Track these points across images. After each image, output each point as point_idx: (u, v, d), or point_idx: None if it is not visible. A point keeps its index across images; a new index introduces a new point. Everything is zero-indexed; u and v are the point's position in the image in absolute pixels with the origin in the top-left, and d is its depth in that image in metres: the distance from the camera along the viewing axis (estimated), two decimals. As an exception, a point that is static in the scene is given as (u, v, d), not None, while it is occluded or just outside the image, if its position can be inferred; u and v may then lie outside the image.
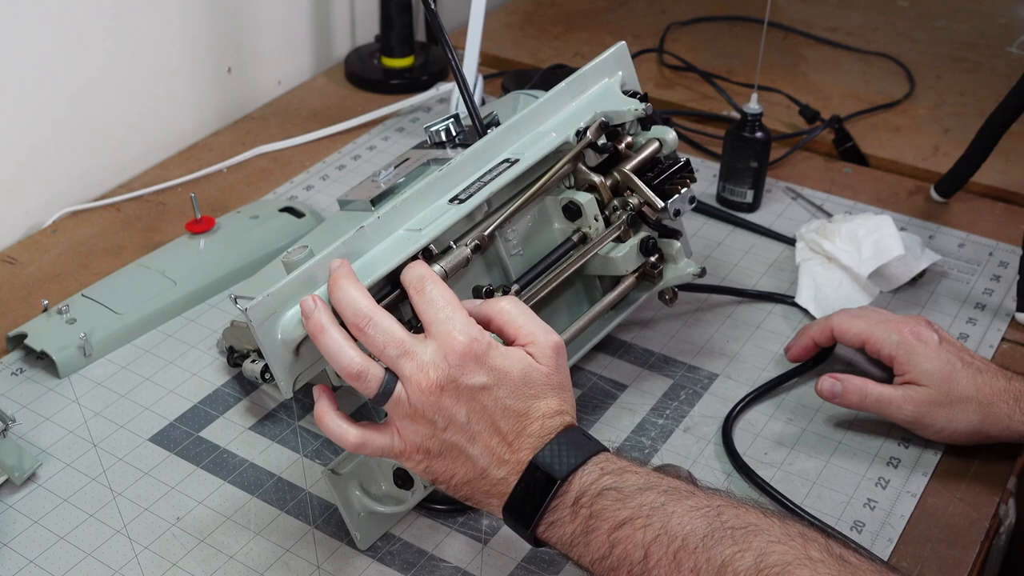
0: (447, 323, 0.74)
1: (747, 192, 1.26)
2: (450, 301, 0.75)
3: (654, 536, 0.69)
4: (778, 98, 1.46)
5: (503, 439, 0.74)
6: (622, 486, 0.71)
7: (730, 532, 0.68)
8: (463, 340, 0.73)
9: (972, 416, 0.92)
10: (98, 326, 1.06)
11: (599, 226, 0.94)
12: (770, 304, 1.14)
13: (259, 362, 0.99)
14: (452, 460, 0.75)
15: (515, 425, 0.74)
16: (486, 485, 0.75)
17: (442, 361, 0.73)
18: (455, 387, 0.73)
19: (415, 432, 0.74)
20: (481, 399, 0.73)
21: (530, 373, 0.75)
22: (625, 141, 0.96)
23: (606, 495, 0.71)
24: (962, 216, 1.28)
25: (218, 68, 1.43)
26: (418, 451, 0.75)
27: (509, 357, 0.74)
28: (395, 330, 0.74)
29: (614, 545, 0.70)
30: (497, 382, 0.74)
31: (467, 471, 0.75)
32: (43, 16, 1.20)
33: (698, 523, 0.68)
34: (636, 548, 0.69)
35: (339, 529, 0.88)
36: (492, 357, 0.74)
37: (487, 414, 0.74)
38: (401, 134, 1.43)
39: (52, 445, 0.96)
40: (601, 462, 0.73)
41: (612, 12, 1.75)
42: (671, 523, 0.69)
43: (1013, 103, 1.18)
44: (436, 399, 0.73)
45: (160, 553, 0.87)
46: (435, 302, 0.75)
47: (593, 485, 0.72)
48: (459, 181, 0.88)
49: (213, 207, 1.27)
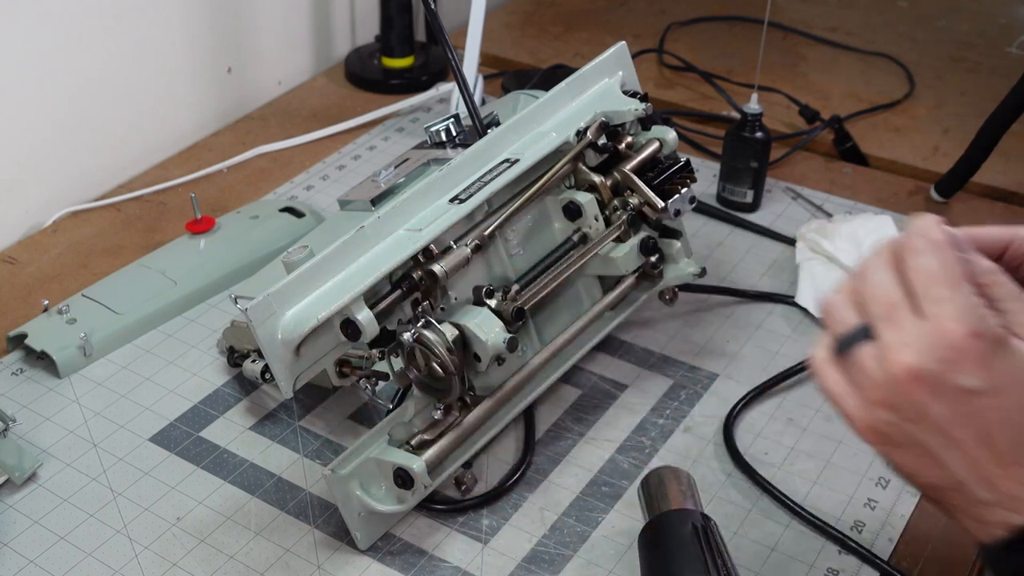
0: (943, 303, 0.58)
1: (747, 192, 1.26)
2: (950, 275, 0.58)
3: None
4: (778, 98, 1.46)
5: (996, 456, 0.59)
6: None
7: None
8: (961, 331, 0.57)
9: None
10: (98, 326, 1.06)
11: (599, 226, 0.94)
12: (770, 304, 1.14)
13: (259, 362, 0.99)
14: (916, 458, 0.61)
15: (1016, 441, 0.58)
16: (961, 502, 0.61)
17: (927, 348, 0.58)
18: (936, 383, 0.58)
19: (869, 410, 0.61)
20: (973, 403, 0.58)
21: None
22: (625, 141, 0.96)
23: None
24: (962, 216, 1.28)
25: (218, 68, 1.43)
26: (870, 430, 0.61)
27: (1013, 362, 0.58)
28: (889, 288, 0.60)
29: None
30: (999, 391, 0.58)
31: (937, 477, 0.61)
32: (43, 16, 1.20)
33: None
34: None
35: (339, 529, 0.88)
36: (998, 361, 0.57)
37: (980, 422, 0.58)
38: (401, 134, 1.43)
39: (52, 445, 0.96)
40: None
41: (612, 12, 1.75)
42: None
43: (1013, 103, 1.18)
44: (906, 387, 0.59)
45: (160, 553, 0.87)
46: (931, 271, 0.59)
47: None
48: (459, 181, 0.88)
49: (213, 207, 1.27)
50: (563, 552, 0.87)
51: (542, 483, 0.93)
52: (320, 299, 0.80)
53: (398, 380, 0.85)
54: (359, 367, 0.92)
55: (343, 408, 1.01)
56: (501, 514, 0.90)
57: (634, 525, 0.87)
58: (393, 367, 0.85)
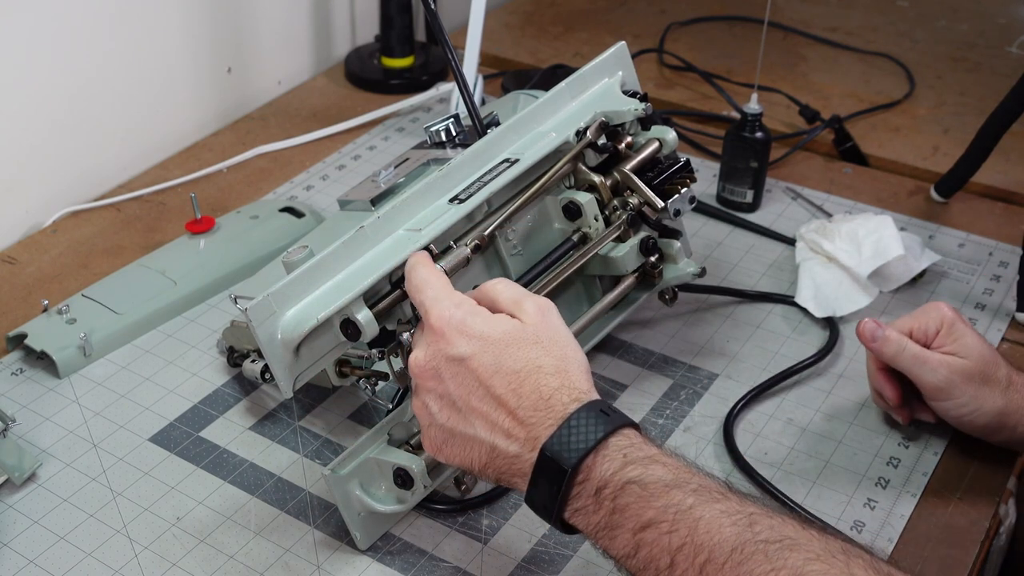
0: (427, 303, 0.75)
1: (747, 192, 1.26)
2: (430, 282, 0.76)
3: (680, 543, 0.64)
4: (778, 98, 1.46)
5: (502, 406, 0.72)
6: (647, 481, 0.67)
7: (763, 546, 0.62)
8: (437, 313, 0.74)
9: (998, 400, 0.90)
10: (98, 326, 1.06)
11: (599, 226, 0.94)
12: (770, 304, 1.14)
13: (259, 362, 0.99)
14: (459, 443, 0.74)
15: (510, 384, 0.71)
16: (504, 463, 0.72)
17: (423, 339, 0.75)
18: (437, 365, 0.73)
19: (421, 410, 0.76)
20: (467, 366, 0.73)
21: (513, 332, 0.73)
22: (625, 141, 0.96)
23: (629, 490, 0.67)
24: (962, 216, 1.28)
25: (218, 68, 1.43)
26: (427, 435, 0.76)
27: (490, 321, 0.74)
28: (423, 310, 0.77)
29: (639, 546, 0.66)
30: (481, 348, 0.73)
31: (478, 452, 0.73)
32: (43, 16, 1.20)
33: (727, 532, 0.63)
34: (662, 553, 0.65)
35: (339, 529, 0.88)
36: (471, 325, 0.73)
37: (477, 381, 0.72)
38: (401, 134, 1.43)
39: (52, 445, 0.96)
40: (624, 448, 0.69)
41: (612, 12, 1.75)
42: (698, 530, 0.64)
43: (1013, 103, 1.18)
44: (424, 383, 0.74)
45: (160, 553, 0.87)
46: (418, 286, 0.77)
47: (616, 476, 0.67)
48: (459, 181, 0.88)
49: (213, 207, 1.27)
50: (563, 552, 0.87)
51: (542, 483, 0.93)
52: (320, 299, 0.80)
53: (398, 380, 0.85)
54: (359, 367, 0.92)
55: (343, 408, 1.01)
56: (501, 514, 0.90)
57: (634, 525, 0.87)
58: (393, 367, 0.85)
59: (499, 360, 0.72)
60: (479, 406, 0.73)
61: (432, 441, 0.76)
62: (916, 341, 0.93)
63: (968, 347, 0.91)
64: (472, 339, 0.73)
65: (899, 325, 0.94)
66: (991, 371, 0.91)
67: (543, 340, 0.74)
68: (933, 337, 0.93)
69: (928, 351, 0.92)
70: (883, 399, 0.97)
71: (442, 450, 0.76)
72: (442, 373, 0.74)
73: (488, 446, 0.73)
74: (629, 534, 0.66)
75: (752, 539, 0.63)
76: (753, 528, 0.64)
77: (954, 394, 0.91)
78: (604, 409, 0.70)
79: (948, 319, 0.93)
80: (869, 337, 0.94)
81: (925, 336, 0.93)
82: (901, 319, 0.95)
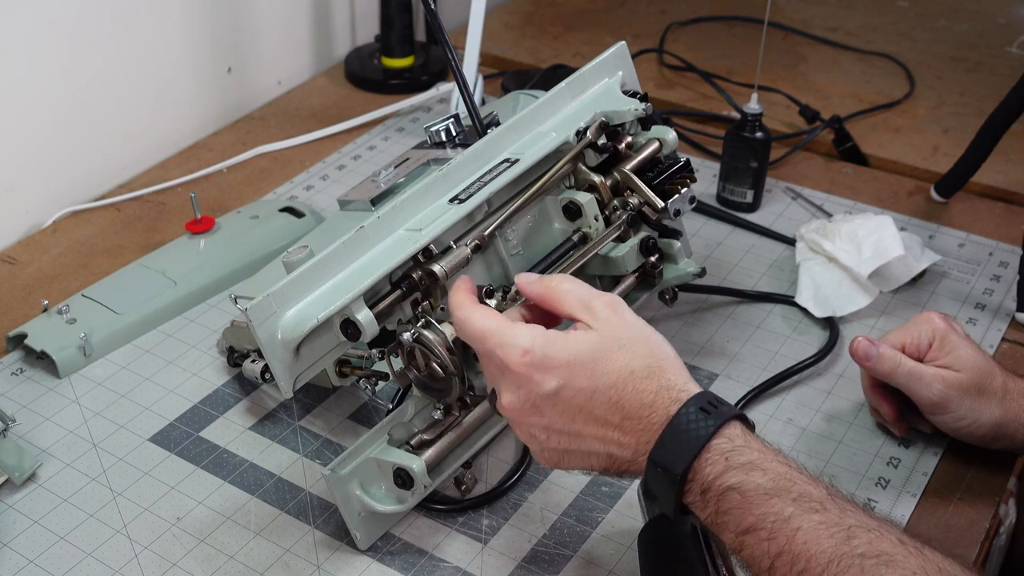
0: (496, 350, 0.73)
1: (747, 192, 1.26)
2: (488, 327, 0.74)
3: (779, 551, 0.66)
4: (778, 98, 1.46)
5: (607, 424, 0.72)
6: (746, 488, 0.67)
7: (859, 561, 0.63)
8: (514, 359, 0.72)
9: (995, 411, 0.90)
10: (98, 326, 1.06)
11: (599, 226, 0.94)
12: (770, 304, 1.14)
13: (259, 362, 0.99)
14: (576, 457, 0.75)
15: (610, 400, 0.71)
16: (624, 464, 0.74)
17: (510, 385, 0.73)
18: (532, 404, 0.73)
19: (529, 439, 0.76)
20: (563, 397, 0.72)
21: (597, 345, 0.72)
22: (625, 141, 0.96)
23: (730, 496, 0.68)
24: (962, 216, 1.28)
25: (218, 68, 1.43)
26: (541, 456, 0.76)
27: (569, 345, 0.72)
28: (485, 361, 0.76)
29: (742, 547, 0.68)
30: (570, 376, 0.72)
31: (596, 461, 0.74)
32: (43, 16, 1.20)
33: (825, 545, 0.64)
34: (763, 557, 0.66)
35: (339, 529, 0.88)
36: (552, 357, 0.72)
37: (577, 408, 0.72)
38: (401, 134, 1.43)
39: (52, 445, 0.96)
40: (727, 452, 0.69)
41: (612, 12, 1.75)
42: (796, 540, 0.65)
43: (1013, 103, 1.18)
44: (524, 420, 0.74)
45: (160, 553, 0.87)
46: (476, 332, 0.75)
47: (717, 480, 0.68)
48: (459, 181, 0.88)
49: (213, 207, 1.27)
50: (563, 552, 0.87)
51: (542, 483, 0.93)
52: (320, 299, 0.80)
53: (398, 380, 0.85)
54: (359, 367, 0.92)
55: (343, 408, 1.01)
56: (501, 514, 0.90)
57: (634, 525, 0.88)
58: (393, 367, 0.85)
59: (593, 381, 0.72)
60: (585, 428, 0.73)
61: (548, 460, 0.76)
62: (909, 355, 0.93)
63: (962, 359, 0.91)
64: (559, 370, 0.72)
65: (891, 340, 0.94)
66: (986, 382, 0.91)
67: (626, 343, 0.73)
68: (926, 350, 0.93)
69: (923, 366, 0.92)
70: (879, 414, 0.98)
71: (560, 464, 0.76)
72: (541, 409, 0.73)
73: (604, 455, 0.74)
74: (732, 534, 0.68)
75: (849, 552, 0.64)
76: (851, 542, 0.64)
77: (951, 408, 0.91)
78: (704, 407, 0.70)
79: (940, 331, 0.93)
80: (863, 356, 0.93)
81: (918, 349, 0.93)
82: (893, 333, 0.95)
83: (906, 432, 0.97)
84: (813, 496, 0.67)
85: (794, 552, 0.65)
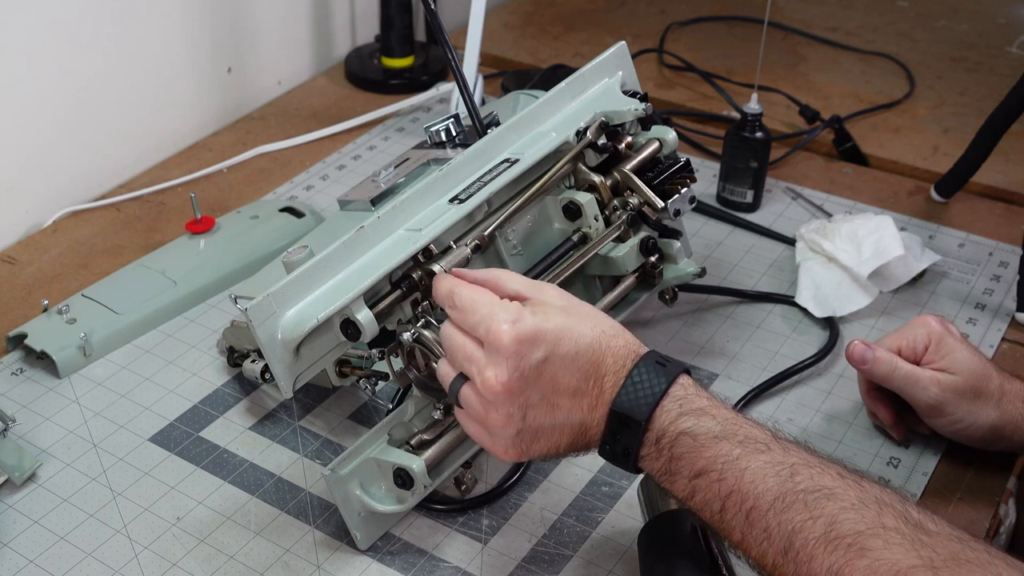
0: (485, 321, 0.74)
1: (747, 192, 1.26)
2: (478, 300, 0.75)
3: (728, 491, 0.69)
4: (778, 98, 1.46)
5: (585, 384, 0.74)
6: (697, 432, 0.71)
7: (802, 496, 0.67)
8: (507, 330, 0.73)
9: (992, 413, 0.91)
10: (98, 326, 1.06)
11: (599, 226, 0.94)
12: (770, 304, 1.14)
13: (259, 362, 0.99)
14: (546, 435, 0.75)
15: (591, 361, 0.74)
16: (591, 431, 0.75)
17: (496, 357, 0.73)
18: (520, 375, 0.73)
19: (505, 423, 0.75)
20: (551, 363, 0.73)
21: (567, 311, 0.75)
22: (625, 141, 0.96)
23: (682, 441, 0.71)
24: (962, 216, 1.28)
25: (218, 68, 1.43)
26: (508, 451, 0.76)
27: (549, 313, 0.74)
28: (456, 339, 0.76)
29: (695, 491, 0.71)
30: (556, 344, 0.73)
31: (566, 435, 0.75)
32: (43, 16, 1.20)
33: (771, 483, 0.68)
34: (714, 499, 0.70)
35: (339, 529, 0.88)
36: (539, 324, 0.73)
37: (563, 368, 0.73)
38: (401, 134, 1.43)
39: (52, 445, 0.96)
40: (680, 398, 0.73)
41: (612, 12, 1.75)
42: (743, 480, 0.69)
43: (1013, 103, 1.18)
44: (506, 397, 0.73)
45: (160, 553, 0.87)
46: (466, 308, 0.75)
47: (671, 426, 0.72)
48: (459, 181, 0.88)
49: (213, 207, 1.27)
50: (563, 552, 0.87)
51: (542, 483, 0.93)
52: (320, 299, 0.80)
53: (398, 380, 0.85)
54: (359, 367, 0.92)
55: (343, 408, 1.01)
56: (501, 514, 0.90)
57: (634, 525, 0.88)
58: (393, 367, 0.85)
59: (576, 344, 0.74)
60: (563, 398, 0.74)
61: (519, 446, 0.76)
62: (905, 358, 0.93)
63: (958, 362, 0.91)
64: (546, 339, 0.73)
65: (888, 343, 0.94)
66: (983, 385, 0.91)
67: (586, 309, 0.76)
68: (922, 353, 0.93)
69: (919, 369, 0.92)
70: (877, 417, 0.98)
71: (529, 450, 0.76)
72: (527, 379, 0.73)
73: (577, 425, 0.75)
74: (685, 480, 0.71)
75: (792, 489, 0.68)
76: (794, 479, 0.68)
77: (947, 411, 0.91)
78: (659, 360, 0.74)
79: (936, 334, 0.93)
80: (859, 359, 0.94)
81: (914, 353, 0.94)
82: (889, 336, 0.95)
83: (904, 435, 0.97)
84: (758, 438, 0.71)
85: (743, 491, 0.69)
